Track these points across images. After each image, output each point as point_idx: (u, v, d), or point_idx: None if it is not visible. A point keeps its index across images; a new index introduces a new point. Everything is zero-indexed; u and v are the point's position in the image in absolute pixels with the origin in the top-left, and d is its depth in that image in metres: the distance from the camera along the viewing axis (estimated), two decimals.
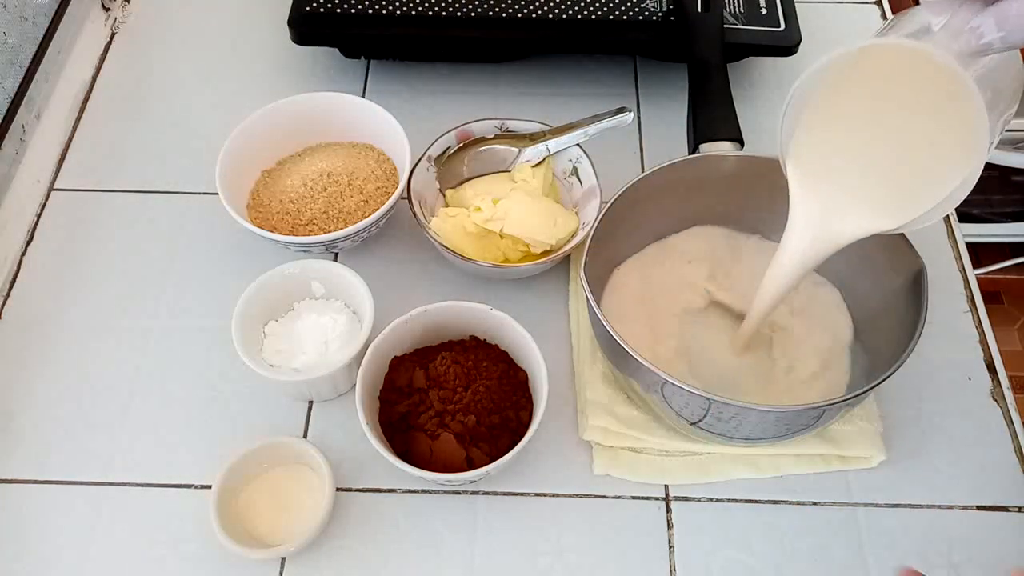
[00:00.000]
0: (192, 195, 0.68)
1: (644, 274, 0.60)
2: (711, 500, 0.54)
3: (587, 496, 0.54)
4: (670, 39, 0.69)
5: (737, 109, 0.59)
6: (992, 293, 1.55)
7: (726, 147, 0.57)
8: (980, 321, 0.62)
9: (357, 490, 0.54)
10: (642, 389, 0.50)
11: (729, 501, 0.54)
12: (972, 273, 0.64)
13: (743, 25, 0.70)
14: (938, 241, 0.66)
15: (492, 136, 0.65)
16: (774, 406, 0.48)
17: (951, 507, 0.54)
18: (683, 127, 0.60)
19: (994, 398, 0.58)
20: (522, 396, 0.54)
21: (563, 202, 0.65)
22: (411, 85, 0.75)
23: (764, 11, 0.71)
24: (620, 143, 0.70)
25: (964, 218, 1.33)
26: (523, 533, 0.53)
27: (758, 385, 0.55)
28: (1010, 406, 0.58)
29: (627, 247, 0.60)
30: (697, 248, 0.61)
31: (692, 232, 0.61)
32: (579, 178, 0.64)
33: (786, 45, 0.70)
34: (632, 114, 0.63)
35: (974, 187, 0.41)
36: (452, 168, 0.65)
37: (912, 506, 0.54)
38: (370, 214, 0.60)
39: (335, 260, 0.62)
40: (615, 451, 0.55)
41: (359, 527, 0.53)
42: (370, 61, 0.76)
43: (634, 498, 0.54)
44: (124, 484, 0.55)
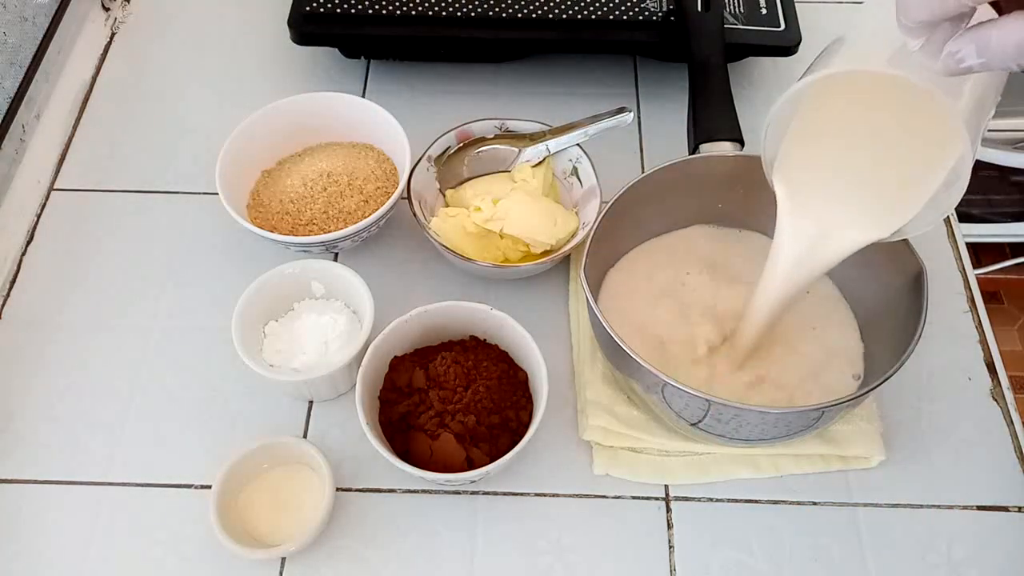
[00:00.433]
0: (192, 195, 0.68)
1: (644, 274, 0.60)
2: (711, 500, 0.54)
3: (587, 496, 0.54)
4: (670, 39, 0.69)
5: (737, 109, 0.59)
6: (992, 293, 1.55)
7: (726, 147, 0.57)
8: (980, 321, 0.62)
9: (357, 490, 0.54)
10: (642, 390, 0.50)
11: (729, 501, 0.54)
12: (972, 273, 0.64)
13: (743, 25, 0.70)
14: (938, 241, 0.65)
15: (492, 136, 0.65)
16: (774, 407, 0.48)
17: (951, 507, 0.54)
18: (683, 127, 0.60)
19: (994, 398, 0.58)
20: (522, 396, 0.54)
21: (563, 202, 0.65)
22: (411, 85, 0.75)
23: (764, 11, 0.71)
24: (620, 143, 0.70)
25: (964, 218, 1.33)
26: (523, 533, 0.53)
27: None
28: (1010, 406, 0.58)
29: (627, 247, 0.60)
30: (697, 248, 0.61)
31: (692, 232, 0.61)
32: (579, 178, 0.64)
33: (786, 45, 0.70)
34: (632, 114, 0.63)
35: (974, 187, 0.41)
36: (452, 168, 0.65)
37: (912, 506, 0.54)
38: (370, 214, 0.60)
39: (335, 260, 0.62)
40: (615, 451, 0.55)
41: (359, 527, 0.53)
42: (370, 61, 0.76)
43: (634, 498, 0.54)
44: (124, 484, 0.55)
